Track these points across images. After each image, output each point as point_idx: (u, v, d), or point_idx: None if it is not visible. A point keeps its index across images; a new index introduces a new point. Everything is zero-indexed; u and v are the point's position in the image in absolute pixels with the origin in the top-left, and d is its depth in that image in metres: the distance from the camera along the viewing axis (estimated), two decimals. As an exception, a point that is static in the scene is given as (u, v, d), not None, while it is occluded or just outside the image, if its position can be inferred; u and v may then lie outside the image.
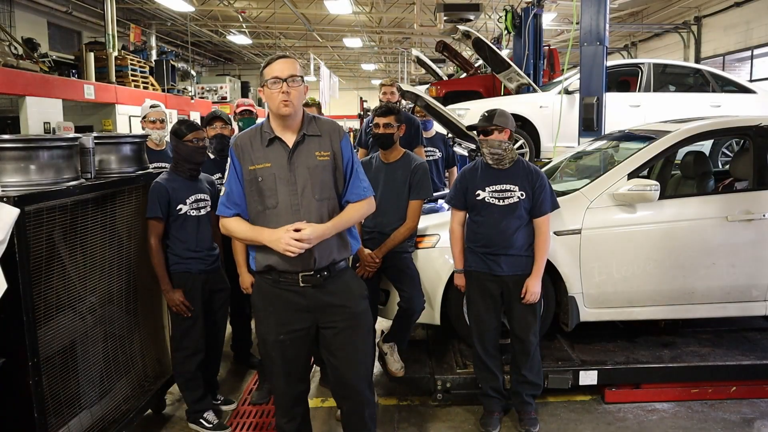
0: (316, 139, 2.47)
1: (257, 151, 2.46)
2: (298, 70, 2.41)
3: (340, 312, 2.50)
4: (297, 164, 2.43)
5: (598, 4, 5.41)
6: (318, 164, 2.44)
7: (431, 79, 11.56)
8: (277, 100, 2.37)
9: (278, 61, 2.42)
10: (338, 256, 2.49)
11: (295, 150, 2.44)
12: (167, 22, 17.86)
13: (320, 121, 2.53)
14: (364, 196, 2.53)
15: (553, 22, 15.43)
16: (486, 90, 8.95)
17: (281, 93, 2.36)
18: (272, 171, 2.43)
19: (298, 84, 2.38)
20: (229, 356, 4.39)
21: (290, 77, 2.37)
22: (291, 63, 2.42)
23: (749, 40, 13.57)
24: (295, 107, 2.40)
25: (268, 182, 2.42)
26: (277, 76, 2.37)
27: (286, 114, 2.40)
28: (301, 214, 2.39)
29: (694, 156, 4.35)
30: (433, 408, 3.69)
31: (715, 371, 3.69)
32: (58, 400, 2.67)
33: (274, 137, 2.45)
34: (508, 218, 3.26)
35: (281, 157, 2.44)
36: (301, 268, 2.42)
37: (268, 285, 2.50)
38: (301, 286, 2.44)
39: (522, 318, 3.31)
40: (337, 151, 2.49)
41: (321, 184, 2.44)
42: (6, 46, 9.93)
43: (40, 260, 2.56)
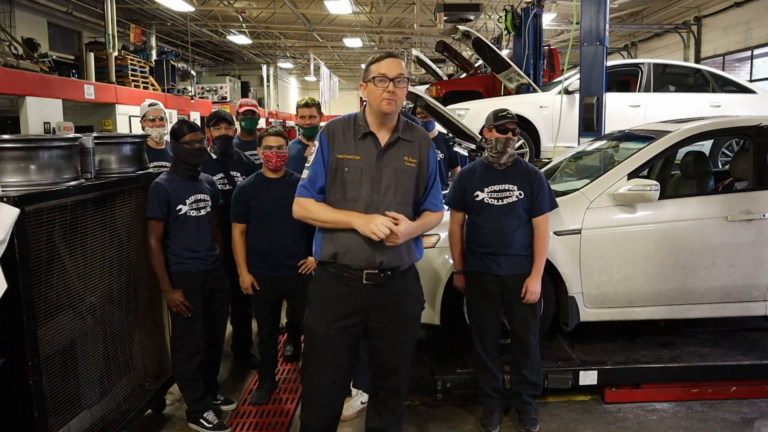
0: (408, 145, 2.49)
1: (349, 142, 2.46)
2: (405, 70, 2.42)
3: (392, 312, 2.50)
4: (385, 164, 2.44)
5: (598, 4, 5.41)
6: (405, 169, 2.46)
7: (431, 79, 11.56)
8: (380, 98, 2.38)
9: (387, 59, 2.42)
10: (404, 260, 2.50)
11: (386, 150, 2.45)
12: (167, 22, 17.85)
13: (414, 129, 2.56)
14: (441, 207, 2.59)
15: (553, 22, 15.43)
16: (486, 90, 8.95)
17: (386, 92, 2.37)
18: (360, 165, 2.43)
19: (404, 85, 2.40)
20: (229, 356, 4.39)
21: (398, 77, 2.37)
22: (399, 63, 2.42)
23: (749, 40, 13.57)
24: (397, 106, 2.41)
25: (354, 174, 2.42)
26: (385, 74, 2.37)
27: (387, 112, 2.40)
28: (380, 212, 2.39)
29: (694, 156, 4.35)
30: (433, 408, 3.69)
31: (715, 371, 3.69)
32: (58, 400, 2.67)
33: (368, 132, 2.45)
34: (507, 218, 3.26)
35: (371, 153, 2.44)
36: (366, 265, 2.42)
37: (329, 277, 2.49)
38: (364, 283, 2.44)
39: (522, 318, 3.31)
40: (424, 160, 2.52)
41: (404, 189, 2.45)
42: (6, 46, 9.93)
43: (40, 260, 2.56)
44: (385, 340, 2.54)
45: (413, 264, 2.60)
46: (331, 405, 2.60)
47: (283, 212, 3.44)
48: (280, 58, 26.73)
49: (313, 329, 2.53)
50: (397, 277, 2.49)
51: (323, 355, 2.51)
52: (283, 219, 3.45)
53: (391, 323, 2.51)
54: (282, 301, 3.92)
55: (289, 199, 2.62)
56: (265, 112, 20.29)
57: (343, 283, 2.46)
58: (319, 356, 2.53)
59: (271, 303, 3.74)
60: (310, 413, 2.60)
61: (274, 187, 3.58)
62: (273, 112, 24.18)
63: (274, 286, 3.64)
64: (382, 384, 2.68)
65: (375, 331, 2.53)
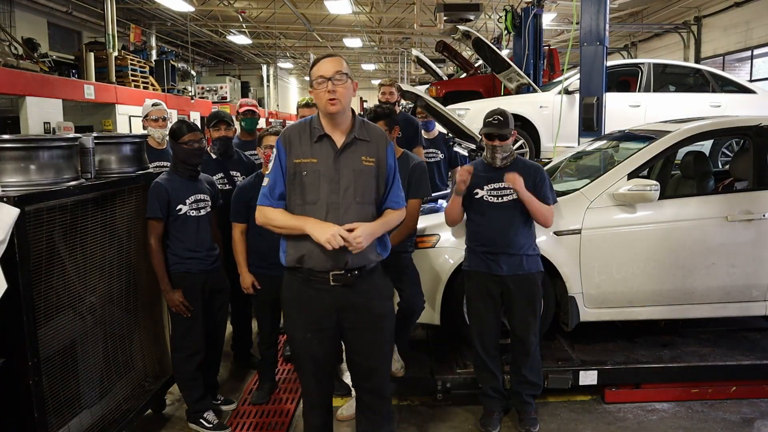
0: (365, 144, 2.48)
1: (304, 146, 2.46)
2: (344, 67, 2.41)
3: (366, 312, 2.50)
4: (343, 164, 2.44)
5: (598, 4, 5.41)
6: (363, 168, 2.45)
7: (431, 79, 11.56)
8: (324, 99, 2.38)
9: (323, 60, 2.43)
10: (370, 259, 2.49)
11: (343, 151, 2.45)
12: (167, 22, 17.86)
13: (369, 127, 2.55)
14: (402, 205, 2.58)
15: (553, 22, 15.43)
16: (486, 90, 8.95)
17: (327, 92, 2.37)
18: (317, 167, 2.43)
19: (344, 81, 2.39)
20: (229, 356, 4.39)
21: (335, 74, 2.37)
22: (336, 61, 2.42)
23: (749, 40, 13.57)
24: (342, 105, 2.40)
25: (311, 178, 2.43)
26: (323, 75, 2.38)
27: (333, 112, 2.40)
28: (340, 213, 2.40)
29: (694, 156, 4.35)
30: (433, 408, 3.69)
31: (715, 371, 3.69)
32: (58, 400, 2.67)
33: (323, 134, 2.46)
34: (507, 216, 3.27)
35: (328, 155, 2.44)
36: (331, 267, 2.42)
37: (298, 283, 2.50)
38: (332, 284, 2.44)
39: (522, 318, 3.31)
40: (382, 159, 2.51)
41: (363, 188, 2.45)
42: (6, 46, 9.93)
43: (40, 260, 2.56)
44: (360, 340, 2.54)
45: (379, 262, 2.59)
46: (324, 403, 2.66)
47: None
48: (280, 58, 26.73)
49: (291, 335, 2.60)
50: (364, 277, 2.49)
51: (305, 358, 2.56)
52: None
53: (364, 323, 2.51)
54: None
55: None
56: (265, 112, 20.28)
57: (311, 286, 2.47)
58: (302, 360, 2.58)
59: (272, 303, 3.73)
60: (307, 411, 2.70)
61: None
62: (273, 112, 24.17)
63: (274, 286, 3.61)
64: (363, 386, 2.67)
65: (349, 331, 2.53)
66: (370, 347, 2.55)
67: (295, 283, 2.51)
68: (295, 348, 2.59)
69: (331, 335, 2.52)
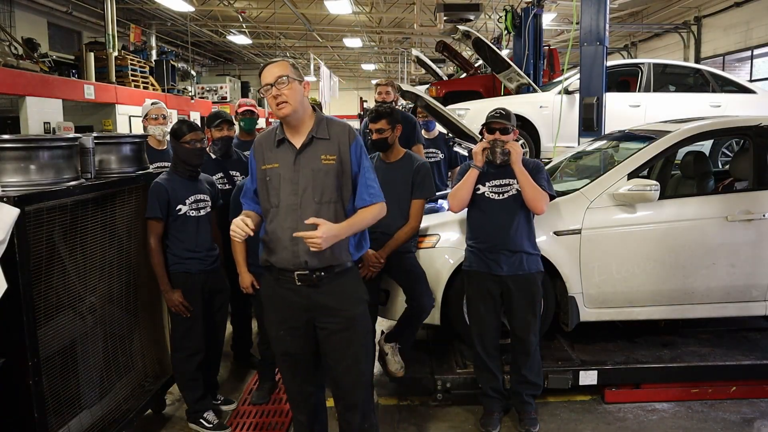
0: (324, 143, 2.48)
1: (269, 152, 2.52)
2: (287, 70, 2.42)
3: (335, 314, 2.50)
4: (302, 165, 2.46)
5: (598, 4, 5.41)
6: (322, 168, 2.45)
7: (431, 79, 11.57)
8: (272, 105, 2.43)
9: (267, 67, 2.46)
10: (334, 260, 2.47)
11: (301, 152, 2.47)
12: (167, 22, 17.85)
13: (331, 124, 2.52)
14: (370, 202, 2.52)
15: (553, 22, 15.42)
16: (486, 90, 8.95)
17: (271, 97, 2.41)
18: (279, 171, 2.48)
19: (286, 83, 2.40)
20: (229, 356, 4.39)
21: (277, 80, 2.39)
22: (279, 65, 2.44)
23: (749, 40, 13.57)
24: (292, 106, 2.41)
25: (275, 181, 2.48)
26: (267, 81, 2.42)
27: (283, 115, 2.43)
28: (299, 214, 2.42)
29: (694, 156, 4.35)
30: (433, 408, 3.69)
31: (715, 371, 3.69)
32: (58, 400, 2.67)
33: (282, 138, 2.50)
34: (508, 213, 3.27)
35: (288, 158, 2.48)
36: (293, 267, 2.45)
37: (271, 281, 2.56)
38: (297, 284, 2.47)
39: (522, 318, 3.31)
40: (345, 156, 2.48)
41: (322, 188, 2.45)
42: (6, 46, 9.93)
43: (40, 260, 2.56)
44: (330, 342, 2.52)
45: (353, 264, 2.58)
46: (303, 401, 2.66)
47: None
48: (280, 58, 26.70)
49: (267, 331, 2.68)
50: (332, 278, 2.48)
51: (280, 355, 2.63)
52: None
53: (335, 324, 2.50)
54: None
55: None
56: (264, 112, 20.25)
57: (281, 285, 2.51)
58: (278, 356, 2.66)
59: (271, 303, 3.74)
60: (291, 408, 2.75)
61: None
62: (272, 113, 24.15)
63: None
64: (333, 393, 2.64)
65: (319, 332, 2.53)
66: (340, 351, 2.52)
67: (270, 281, 2.58)
68: (272, 345, 2.68)
69: (303, 334, 2.53)
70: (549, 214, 3.58)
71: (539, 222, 3.48)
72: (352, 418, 2.59)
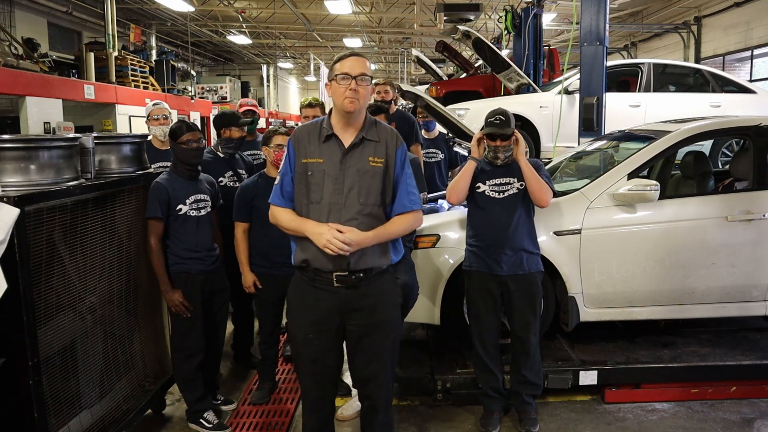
0: (373, 144, 2.46)
1: (312, 146, 2.47)
2: (368, 69, 2.41)
3: (369, 316, 2.48)
4: (349, 165, 2.43)
5: (598, 4, 5.41)
6: (369, 169, 2.43)
7: (431, 79, 11.56)
8: (343, 96, 2.37)
9: (350, 58, 2.41)
10: (375, 263, 2.46)
11: (350, 151, 2.44)
12: (167, 22, 17.85)
13: (380, 127, 2.52)
14: (410, 208, 2.50)
15: (553, 22, 15.42)
16: (486, 90, 8.95)
17: (349, 90, 2.36)
18: (322, 167, 2.43)
19: (367, 83, 2.39)
20: (229, 356, 4.39)
21: (360, 75, 2.37)
22: (362, 62, 2.42)
23: (749, 40, 13.56)
24: (360, 105, 2.40)
25: (317, 177, 2.43)
26: (347, 72, 2.37)
27: (350, 110, 2.39)
28: (342, 214, 2.39)
29: (694, 156, 4.35)
30: (433, 408, 3.69)
31: (715, 371, 3.69)
32: (58, 400, 2.67)
33: (331, 134, 2.45)
34: (509, 212, 3.27)
35: (335, 155, 2.44)
36: (334, 268, 2.41)
37: (304, 282, 2.51)
38: (335, 286, 2.43)
39: (522, 318, 3.31)
40: (391, 160, 2.47)
41: (368, 190, 2.42)
42: (6, 46, 9.93)
43: (40, 260, 2.56)
44: (360, 344, 2.51)
45: (390, 266, 2.56)
46: (321, 405, 2.62)
47: None
48: (280, 58, 26.72)
49: (293, 333, 2.58)
50: (370, 280, 2.47)
51: (304, 357, 2.55)
52: None
53: (367, 326, 2.49)
54: (284, 301, 3.92)
55: None
56: (265, 112, 20.26)
57: (317, 286, 2.47)
58: (302, 359, 2.57)
59: (273, 302, 3.75)
60: (305, 411, 2.68)
61: None
62: (273, 112, 24.17)
63: (276, 285, 3.64)
64: (360, 392, 2.67)
65: (351, 334, 2.51)
66: (370, 353, 2.51)
67: (301, 283, 2.52)
68: (296, 347, 2.58)
69: (333, 336, 2.50)
70: (549, 214, 3.58)
71: (539, 222, 3.48)
72: (375, 417, 2.64)
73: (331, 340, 2.51)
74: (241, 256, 3.62)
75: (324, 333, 2.49)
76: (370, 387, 2.58)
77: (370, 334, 2.49)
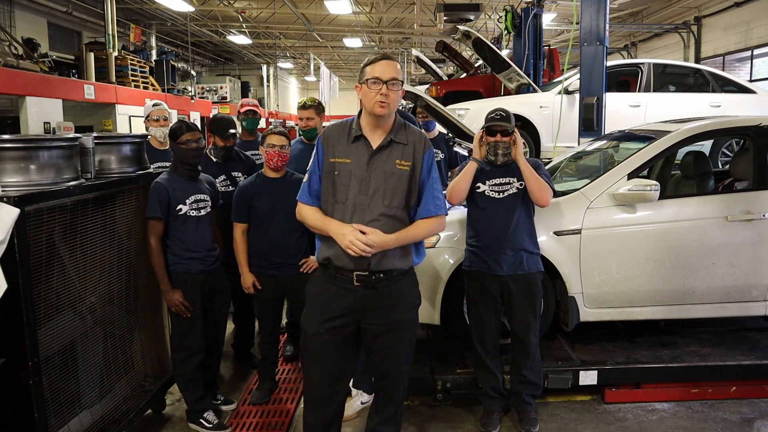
0: (401, 147, 2.47)
1: (341, 145, 2.48)
2: (399, 73, 2.41)
3: (384, 316, 2.49)
4: (376, 166, 2.44)
5: (598, 4, 5.41)
6: (396, 172, 2.44)
7: (431, 79, 11.57)
8: (373, 100, 2.38)
9: (382, 62, 2.41)
10: (396, 265, 2.48)
11: (377, 152, 2.45)
12: (167, 22, 17.85)
13: (409, 130, 2.52)
14: (434, 213, 2.50)
15: (553, 22, 15.42)
16: (486, 90, 8.95)
17: (379, 94, 2.37)
18: (350, 168, 2.44)
19: (398, 88, 2.39)
20: (229, 356, 4.39)
21: (391, 80, 2.37)
22: (394, 66, 2.41)
23: (749, 40, 13.57)
24: (390, 110, 2.40)
25: (343, 177, 2.44)
26: (378, 77, 2.37)
27: (380, 114, 2.40)
28: (366, 215, 2.40)
29: (694, 156, 4.35)
30: (433, 408, 3.69)
31: (715, 371, 3.69)
32: (58, 400, 2.67)
33: (360, 135, 2.46)
34: (509, 212, 3.27)
35: (362, 156, 2.45)
36: (355, 267, 2.43)
37: (325, 279, 2.53)
38: (355, 284, 2.45)
39: (522, 318, 3.31)
40: (418, 163, 2.48)
41: (393, 192, 2.43)
42: (6, 46, 9.93)
43: (40, 260, 2.55)
44: (376, 342, 2.53)
45: (411, 268, 2.58)
46: (327, 403, 2.60)
47: (284, 211, 3.45)
48: (280, 58, 26.73)
49: (305, 328, 2.58)
50: (390, 281, 2.48)
51: (314, 353, 2.55)
52: (284, 218, 3.47)
53: (383, 326, 2.50)
54: (283, 301, 3.93)
55: (290, 198, 2.62)
56: (265, 112, 20.27)
57: (336, 284, 2.49)
58: (311, 354, 2.57)
59: (273, 302, 3.75)
60: (307, 410, 2.66)
61: (274, 186, 3.59)
62: (273, 112, 24.19)
63: (275, 285, 3.64)
64: (378, 384, 2.73)
65: (366, 332, 2.53)
66: (385, 351, 2.55)
67: (322, 279, 2.55)
68: (306, 341, 2.57)
69: (345, 334, 2.51)
70: (549, 214, 3.58)
71: (539, 222, 3.48)
72: (388, 409, 2.69)
73: (343, 336, 2.51)
74: (240, 257, 3.62)
75: (337, 329, 2.50)
76: (385, 382, 2.65)
77: (384, 333, 2.51)
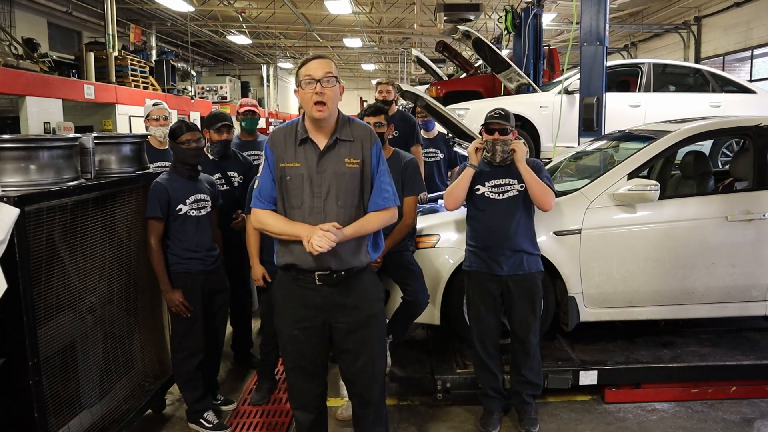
0: (348, 145, 2.45)
1: (289, 149, 2.45)
2: (333, 69, 2.38)
3: (352, 312, 2.50)
4: (325, 168, 2.42)
5: (598, 4, 5.41)
6: (346, 171, 2.42)
7: (431, 79, 11.56)
8: (310, 102, 2.34)
9: (314, 61, 2.39)
10: (354, 261, 2.47)
11: (325, 153, 2.42)
12: (167, 22, 17.85)
13: (354, 126, 2.49)
14: (383, 206, 2.48)
15: (553, 22, 15.43)
16: (486, 90, 8.95)
17: (315, 93, 2.33)
18: (300, 172, 2.42)
19: (333, 84, 2.36)
20: (229, 356, 4.39)
21: (325, 77, 2.34)
22: (326, 62, 2.39)
23: (749, 40, 13.57)
24: (329, 110, 2.37)
25: (295, 182, 2.42)
26: (311, 75, 2.34)
27: (319, 118, 2.37)
28: (322, 218, 2.39)
29: (694, 156, 4.34)
30: (433, 408, 3.69)
31: (715, 371, 3.69)
32: (58, 400, 2.67)
33: (306, 137, 2.44)
34: (508, 213, 3.27)
35: (311, 158, 2.42)
36: (316, 267, 2.43)
37: (287, 281, 2.53)
38: (317, 284, 2.45)
39: (522, 318, 3.31)
40: (367, 159, 2.46)
41: (346, 192, 2.42)
42: (6, 46, 9.94)
43: (40, 260, 2.56)
44: (347, 341, 2.53)
45: (369, 264, 2.58)
46: (309, 401, 2.62)
47: None
48: (280, 58, 26.73)
49: (280, 330, 2.61)
50: (351, 278, 2.48)
51: (291, 354, 2.57)
52: None
53: (352, 323, 2.51)
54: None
55: None
56: (265, 112, 20.27)
57: (300, 285, 2.49)
58: (288, 355, 2.59)
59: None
60: (295, 408, 2.69)
61: None
62: (273, 112, 24.19)
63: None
64: (349, 389, 2.68)
65: (337, 332, 2.53)
66: (357, 349, 2.53)
67: (285, 282, 2.55)
68: (283, 344, 2.61)
69: (318, 333, 2.52)
70: (549, 214, 3.57)
71: (539, 222, 3.48)
72: (366, 412, 2.64)
73: (315, 336, 2.53)
74: (252, 249, 3.56)
75: (309, 330, 2.51)
76: (361, 382, 2.59)
77: (355, 330, 2.51)
